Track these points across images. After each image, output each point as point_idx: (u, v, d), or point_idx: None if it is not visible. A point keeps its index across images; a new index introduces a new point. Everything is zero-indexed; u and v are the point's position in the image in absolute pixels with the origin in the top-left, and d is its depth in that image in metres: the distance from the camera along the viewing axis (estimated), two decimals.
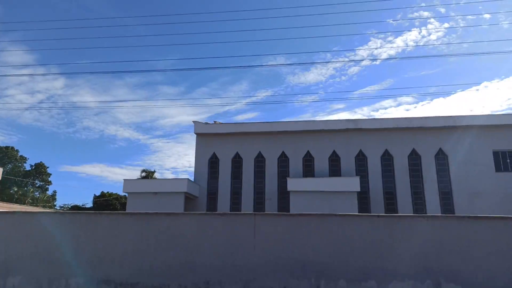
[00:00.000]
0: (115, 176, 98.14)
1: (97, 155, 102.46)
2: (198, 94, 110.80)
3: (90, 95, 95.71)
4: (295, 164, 26.38)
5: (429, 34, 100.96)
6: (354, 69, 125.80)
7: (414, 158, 25.79)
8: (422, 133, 25.84)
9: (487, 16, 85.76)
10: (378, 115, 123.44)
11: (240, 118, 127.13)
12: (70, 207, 59.93)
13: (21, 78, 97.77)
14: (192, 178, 26.21)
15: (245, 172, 26.66)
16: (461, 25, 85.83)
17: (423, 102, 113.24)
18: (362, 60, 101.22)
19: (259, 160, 26.93)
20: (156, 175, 69.37)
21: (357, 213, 16.61)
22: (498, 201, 23.72)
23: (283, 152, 26.83)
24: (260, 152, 27.00)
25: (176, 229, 10.13)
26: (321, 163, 26.15)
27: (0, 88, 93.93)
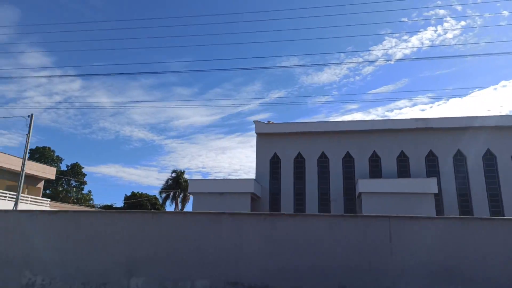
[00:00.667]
0: (130, 177, 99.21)
1: (112, 155, 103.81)
2: (212, 95, 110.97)
3: (106, 96, 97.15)
4: (361, 164, 25.56)
5: (445, 33, 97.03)
6: (368, 69, 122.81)
7: (489, 159, 24.43)
8: (497, 131, 24.46)
9: (505, 13, 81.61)
10: (393, 115, 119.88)
11: (254, 118, 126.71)
12: (99, 207, 61.04)
13: (39, 80, 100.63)
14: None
15: (308, 172, 26.06)
16: (478, 23, 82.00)
17: (439, 102, 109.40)
18: (377, 60, 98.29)
19: (323, 161, 26.26)
20: (186, 176, 69.82)
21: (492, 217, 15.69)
22: None
23: (347, 152, 26.05)
24: (323, 152, 26.33)
25: (305, 231, 9.66)
26: (389, 163, 25.21)
27: (19, 90, 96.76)
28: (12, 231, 10.85)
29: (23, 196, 29.55)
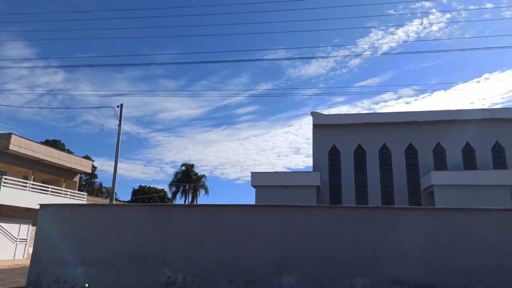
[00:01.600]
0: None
1: (96, 149, 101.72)
2: (198, 88, 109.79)
3: (90, 88, 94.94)
4: (425, 156, 24.97)
5: (431, 25, 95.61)
6: (355, 62, 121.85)
7: None
8: None
9: (489, 6, 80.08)
10: (378, 108, 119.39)
11: (240, 111, 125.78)
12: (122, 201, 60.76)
13: (21, 72, 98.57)
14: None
15: (370, 164, 25.50)
16: (463, 15, 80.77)
17: (424, 95, 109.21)
18: (363, 52, 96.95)
19: (384, 152, 25.68)
20: (196, 169, 69.32)
21: None
22: None
23: (410, 143, 25.44)
24: (384, 143, 25.73)
25: (473, 227, 9.14)
26: (454, 155, 24.61)
27: (0, 82, 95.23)
28: (146, 226, 10.42)
29: (62, 190, 29.19)
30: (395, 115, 25.80)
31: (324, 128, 26.30)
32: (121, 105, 20.08)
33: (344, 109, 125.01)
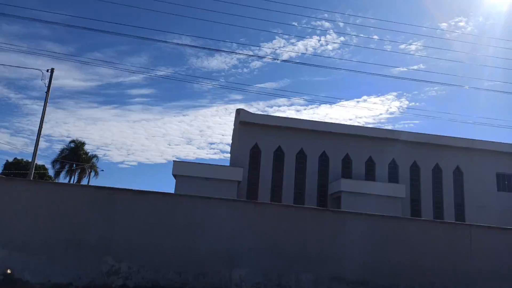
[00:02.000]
0: None
1: None
2: (89, 59, 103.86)
3: None
4: (334, 164, 27.40)
5: (327, 44, 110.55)
6: (256, 64, 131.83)
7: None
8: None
9: (375, 37, 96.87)
10: (272, 111, 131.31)
11: (134, 92, 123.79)
12: None
13: None
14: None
15: (287, 166, 26.96)
16: (354, 41, 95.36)
17: (312, 106, 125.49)
18: (265, 56, 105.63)
19: (301, 157, 27.40)
20: (93, 148, 65.08)
21: None
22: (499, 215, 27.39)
23: (324, 151, 27.62)
24: (302, 148, 27.46)
25: (401, 232, 10.49)
26: (358, 166, 27.58)
27: None
28: (88, 209, 9.49)
29: None
30: (313, 123, 27.77)
31: (249, 126, 26.93)
32: (52, 69, 17.59)
33: (240, 107, 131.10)
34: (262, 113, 27.78)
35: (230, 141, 38.05)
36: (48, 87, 17.42)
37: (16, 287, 8.70)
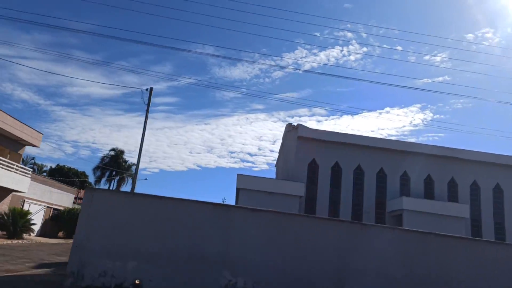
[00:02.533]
0: None
1: None
2: (116, 68, 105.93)
3: None
4: (392, 181, 27.30)
5: (349, 55, 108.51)
6: (278, 74, 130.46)
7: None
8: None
9: (399, 48, 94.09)
10: (293, 121, 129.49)
11: (158, 101, 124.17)
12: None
13: None
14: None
15: (344, 182, 27.12)
16: (377, 52, 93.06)
17: (334, 117, 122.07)
18: (287, 66, 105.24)
19: (358, 173, 27.50)
20: (126, 156, 67.12)
21: None
22: None
23: (381, 168, 27.59)
24: (359, 164, 27.56)
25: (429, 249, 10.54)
26: (417, 183, 27.34)
27: None
28: (207, 224, 10.15)
29: (5, 162, 26.51)
30: (371, 139, 27.81)
31: (307, 141, 27.35)
32: (151, 89, 18.77)
33: (261, 117, 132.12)
34: (320, 128, 27.98)
35: (277, 155, 38.57)
36: (148, 104, 18.56)
37: None
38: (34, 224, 30.06)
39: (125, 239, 9.88)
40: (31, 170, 32.96)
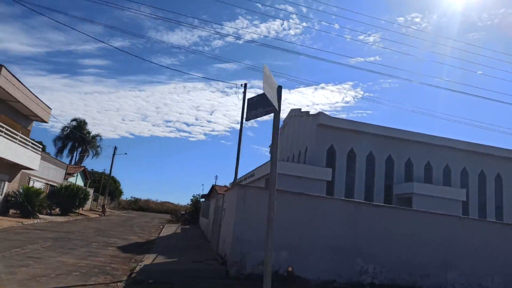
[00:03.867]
0: None
1: None
2: (38, 23, 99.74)
3: None
4: (398, 167, 30.28)
5: (289, 29, 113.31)
6: (218, 43, 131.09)
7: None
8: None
9: (336, 26, 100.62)
10: (231, 92, 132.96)
11: (87, 63, 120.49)
12: None
13: None
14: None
15: (358, 167, 29.61)
16: (316, 28, 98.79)
17: None
18: (228, 35, 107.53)
19: (370, 159, 30.08)
20: (90, 127, 65.73)
21: None
22: None
23: (390, 155, 30.37)
24: (371, 151, 30.10)
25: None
26: (418, 169, 30.62)
27: None
28: (340, 218, 11.70)
29: (22, 138, 25.71)
30: (382, 128, 30.36)
31: (326, 128, 29.23)
32: (245, 85, 19.07)
33: (199, 86, 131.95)
34: (338, 117, 29.91)
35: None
36: (243, 100, 18.98)
37: (296, 282, 10.93)
38: (48, 202, 29.47)
39: (276, 232, 11.15)
40: (41, 146, 31.59)
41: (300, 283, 10.91)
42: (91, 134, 69.72)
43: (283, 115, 32.62)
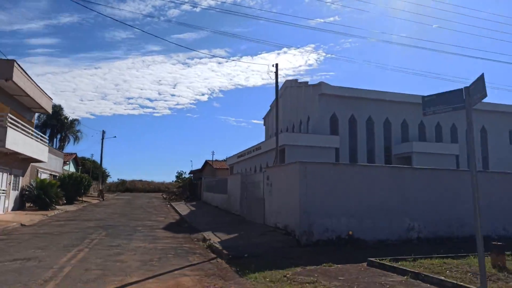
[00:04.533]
0: None
1: None
2: None
3: None
4: (395, 129, 32.20)
5: None
6: (174, 12, 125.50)
7: None
8: None
9: None
10: (193, 63, 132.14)
11: (35, 42, 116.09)
12: None
13: None
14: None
15: (359, 132, 31.23)
16: None
17: (234, 58, 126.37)
18: (183, 3, 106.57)
19: (369, 123, 31.72)
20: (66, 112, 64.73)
21: None
22: None
23: (387, 118, 32.09)
24: (370, 116, 31.69)
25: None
26: (413, 129, 32.74)
27: None
28: (387, 183, 13.10)
29: (32, 132, 25.61)
30: (379, 93, 31.88)
31: (327, 97, 30.41)
32: (277, 65, 19.40)
33: (159, 59, 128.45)
34: (339, 85, 31.01)
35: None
36: (276, 82, 19.41)
37: (357, 243, 12.37)
38: (63, 193, 29.62)
39: (335, 201, 12.46)
40: (47, 138, 31.04)
41: (360, 244, 12.34)
42: (69, 119, 67.92)
43: (249, 83, 32.70)
